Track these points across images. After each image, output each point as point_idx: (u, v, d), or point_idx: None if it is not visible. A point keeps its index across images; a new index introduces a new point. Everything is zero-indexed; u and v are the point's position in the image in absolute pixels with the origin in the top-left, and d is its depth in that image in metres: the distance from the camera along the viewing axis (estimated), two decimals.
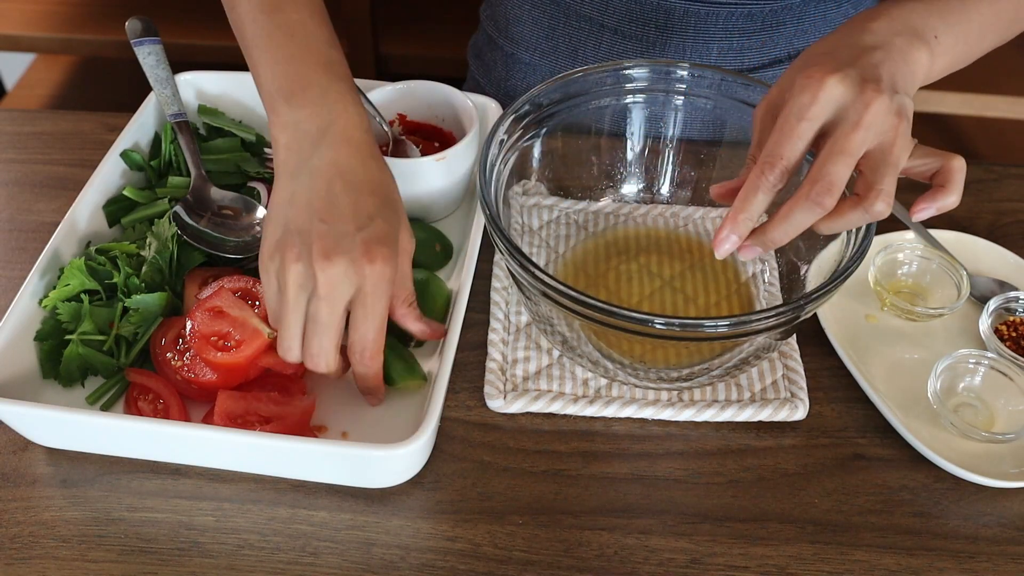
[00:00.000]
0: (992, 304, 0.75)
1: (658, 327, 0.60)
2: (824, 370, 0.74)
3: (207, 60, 1.63)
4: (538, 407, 0.71)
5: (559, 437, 0.70)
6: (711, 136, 0.81)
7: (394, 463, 0.64)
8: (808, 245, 0.75)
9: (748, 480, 0.68)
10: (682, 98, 0.79)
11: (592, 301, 0.60)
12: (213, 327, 0.68)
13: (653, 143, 0.82)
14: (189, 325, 0.68)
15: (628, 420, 0.71)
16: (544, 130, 0.77)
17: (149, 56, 0.86)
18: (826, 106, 0.58)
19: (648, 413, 0.71)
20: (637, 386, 0.72)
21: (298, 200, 0.64)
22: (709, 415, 0.70)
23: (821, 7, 0.90)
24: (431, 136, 0.86)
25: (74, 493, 0.66)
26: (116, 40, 1.81)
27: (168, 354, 0.69)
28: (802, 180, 0.59)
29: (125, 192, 0.80)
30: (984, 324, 0.74)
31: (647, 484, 0.67)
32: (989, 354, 0.71)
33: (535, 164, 0.80)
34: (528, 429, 0.70)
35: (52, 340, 0.70)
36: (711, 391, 0.72)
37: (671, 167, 0.84)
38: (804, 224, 0.60)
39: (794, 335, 0.75)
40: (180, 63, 0.90)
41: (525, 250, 0.80)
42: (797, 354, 0.74)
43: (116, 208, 0.79)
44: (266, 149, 0.86)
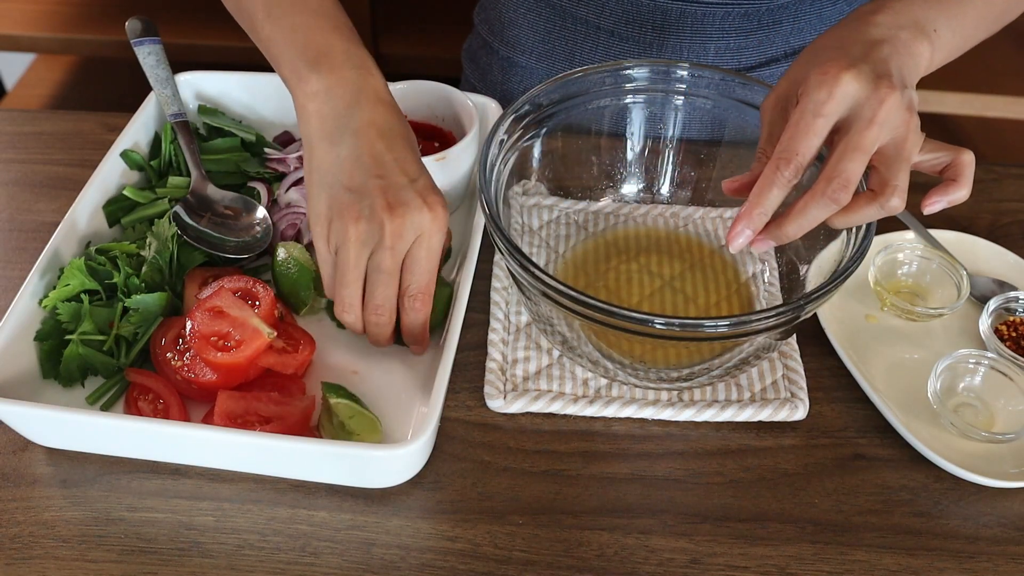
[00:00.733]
0: (992, 304, 0.75)
1: (658, 327, 0.60)
2: (824, 370, 0.74)
3: (207, 60, 1.63)
4: (538, 407, 0.71)
5: (559, 437, 0.70)
6: (711, 136, 0.81)
7: (394, 463, 0.64)
8: (808, 245, 0.75)
9: (748, 480, 0.68)
10: (682, 98, 0.79)
11: (592, 301, 0.60)
12: (213, 327, 0.68)
13: (653, 143, 0.82)
14: (189, 325, 0.68)
15: (628, 420, 0.71)
16: (544, 130, 0.77)
17: (149, 56, 0.86)
18: (842, 102, 0.59)
19: (648, 413, 0.71)
20: (637, 386, 0.72)
21: (345, 161, 0.66)
22: (709, 415, 0.70)
23: (816, 5, 0.90)
24: (431, 136, 0.86)
25: (74, 493, 0.66)
26: (116, 40, 1.81)
27: (168, 354, 0.69)
28: (818, 174, 0.60)
29: (125, 192, 0.80)
30: (984, 324, 0.74)
31: (647, 484, 0.67)
32: (989, 354, 0.71)
33: (535, 164, 0.80)
34: (528, 429, 0.70)
35: (52, 340, 0.70)
36: (711, 391, 0.72)
37: (671, 167, 0.84)
38: (819, 219, 0.60)
39: (794, 335, 0.75)
40: (180, 63, 0.90)
41: (525, 250, 0.80)
42: (797, 354, 0.74)
43: (116, 208, 0.79)
44: (266, 149, 0.86)
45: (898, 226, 0.82)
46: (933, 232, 0.82)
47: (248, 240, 0.78)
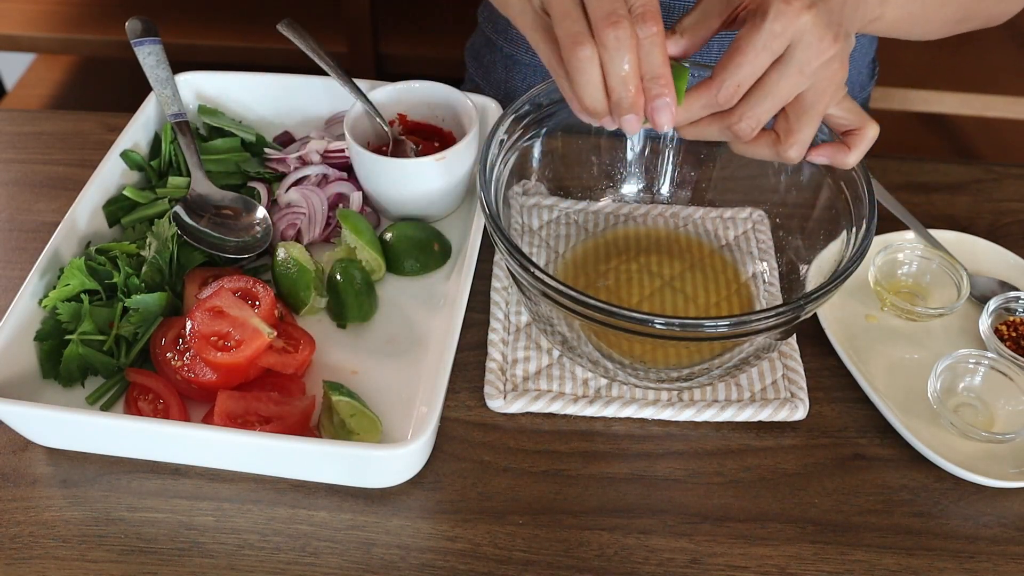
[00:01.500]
0: (992, 304, 0.74)
1: (658, 327, 0.60)
2: (824, 370, 0.74)
3: (207, 60, 1.63)
4: (538, 407, 0.71)
5: (559, 437, 0.70)
6: None
7: (394, 463, 0.64)
8: (808, 245, 0.75)
9: (748, 480, 0.68)
10: None
11: (592, 301, 0.60)
12: (213, 327, 0.68)
13: (653, 143, 0.82)
14: (189, 325, 0.68)
15: (628, 420, 0.71)
16: (544, 130, 0.77)
17: (149, 56, 0.86)
18: (791, 39, 0.56)
19: (648, 413, 0.71)
20: (637, 386, 0.72)
21: None
22: (709, 415, 0.70)
23: None
24: (431, 136, 0.86)
25: (74, 493, 0.66)
26: (116, 40, 1.81)
27: (168, 354, 0.69)
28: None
29: (125, 192, 0.80)
30: (984, 324, 0.74)
31: (647, 484, 0.67)
32: (989, 354, 0.71)
33: (535, 164, 0.80)
34: (528, 429, 0.70)
35: (52, 340, 0.70)
36: (711, 391, 0.72)
37: (671, 167, 0.84)
38: (715, 137, 0.61)
39: (794, 335, 0.75)
40: (180, 63, 0.90)
41: (525, 250, 0.80)
42: (797, 354, 0.74)
43: (116, 208, 0.79)
44: (266, 149, 0.86)
45: (898, 226, 0.82)
46: (933, 232, 0.82)
47: (248, 240, 0.78)
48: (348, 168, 0.85)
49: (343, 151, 0.85)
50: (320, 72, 0.86)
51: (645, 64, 0.57)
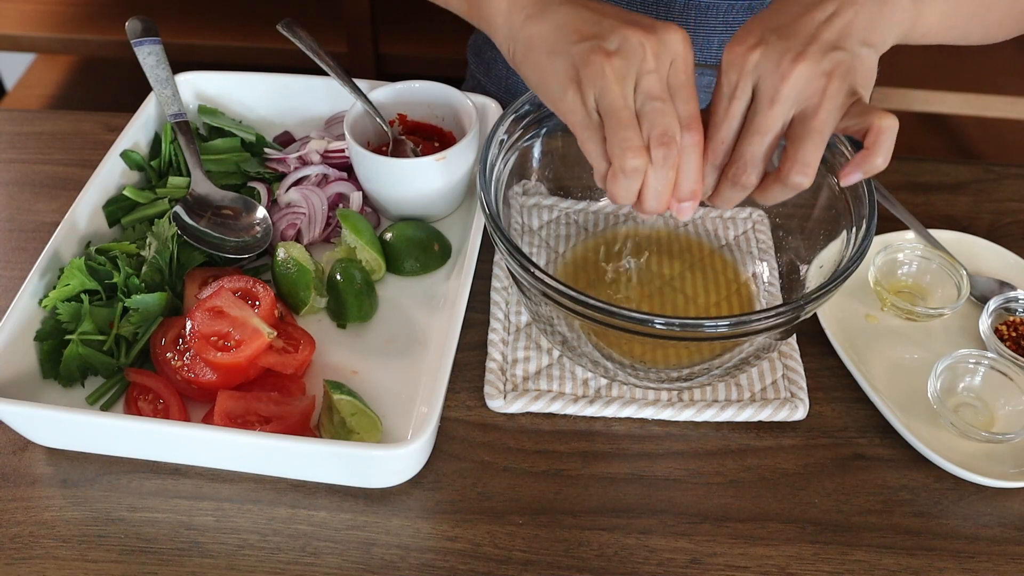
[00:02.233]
0: (992, 304, 0.75)
1: (658, 327, 0.60)
2: (824, 370, 0.74)
3: (207, 60, 1.63)
4: (538, 407, 0.71)
5: (559, 437, 0.70)
6: None
7: (394, 463, 0.64)
8: (808, 245, 0.75)
9: (748, 480, 0.68)
10: None
11: (592, 301, 0.60)
12: (213, 327, 0.68)
13: None
14: (189, 325, 0.68)
15: (628, 420, 0.71)
16: (544, 130, 0.77)
17: (149, 56, 0.86)
18: (750, 80, 0.58)
19: (648, 413, 0.71)
20: (637, 386, 0.72)
21: (567, 20, 0.61)
22: (709, 415, 0.70)
23: None
24: (431, 136, 0.86)
25: (74, 493, 0.66)
26: (116, 40, 1.81)
27: (168, 354, 0.69)
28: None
29: (125, 192, 0.80)
30: (984, 324, 0.74)
31: (647, 484, 0.67)
32: (989, 354, 0.71)
33: (535, 164, 0.80)
34: (528, 429, 0.70)
35: (52, 340, 0.70)
36: (711, 391, 0.72)
37: None
38: (736, 199, 0.62)
39: (794, 335, 0.75)
40: (180, 63, 0.90)
41: (525, 250, 0.80)
42: (797, 354, 0.74)
43: (116, 208, 0.79)
44: (266, 149, 0.86)
45: (898, 226, 0.82)
46: (933, 232, 0.82)
47: (248, 240, 0.78)
48: (348, 168, 0.85)
49: (343, 151, 0.85)
50: (320, 72, 0.86)
51: (682, 174, 0.60)
